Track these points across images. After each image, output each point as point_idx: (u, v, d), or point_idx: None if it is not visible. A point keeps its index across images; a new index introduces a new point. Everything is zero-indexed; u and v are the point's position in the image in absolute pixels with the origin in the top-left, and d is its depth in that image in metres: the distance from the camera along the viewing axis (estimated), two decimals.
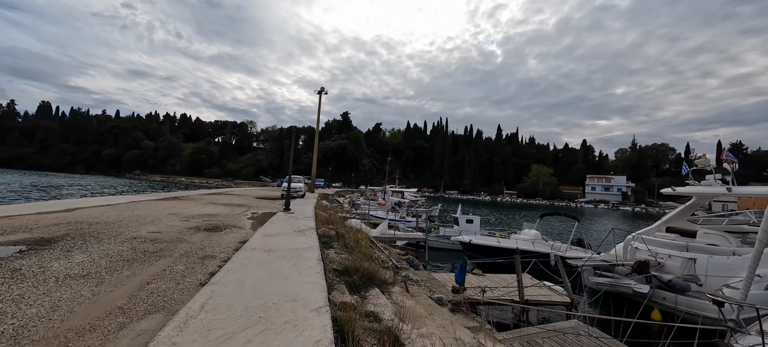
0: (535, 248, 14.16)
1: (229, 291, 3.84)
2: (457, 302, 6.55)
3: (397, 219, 23.11)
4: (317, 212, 12.65)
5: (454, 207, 38.34)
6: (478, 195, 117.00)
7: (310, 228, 8.82)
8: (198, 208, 11.72)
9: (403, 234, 16.09)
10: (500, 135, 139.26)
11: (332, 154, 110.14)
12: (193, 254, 5.60)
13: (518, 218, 44.82)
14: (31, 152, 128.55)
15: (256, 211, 12.15)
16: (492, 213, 55.38)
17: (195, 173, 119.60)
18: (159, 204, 11.96)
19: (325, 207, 17.67)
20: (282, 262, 5.35)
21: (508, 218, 40.23)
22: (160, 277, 4.27)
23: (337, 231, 8.75)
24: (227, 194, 19.96)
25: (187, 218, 9.30)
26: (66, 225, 7.18)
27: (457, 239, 15.96)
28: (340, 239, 8.06)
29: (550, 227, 30.11)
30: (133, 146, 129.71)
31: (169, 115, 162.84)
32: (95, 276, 4.12)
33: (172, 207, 11.30)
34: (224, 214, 10.72)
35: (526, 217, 46.79)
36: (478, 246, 15.02)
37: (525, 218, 45.05)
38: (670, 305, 8.87)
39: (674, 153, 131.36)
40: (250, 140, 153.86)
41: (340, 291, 4.89)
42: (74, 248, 5.33)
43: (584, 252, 14.87)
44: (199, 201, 13.75)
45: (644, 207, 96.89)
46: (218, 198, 16.44)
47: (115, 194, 32.02)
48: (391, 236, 14.36)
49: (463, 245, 15.57)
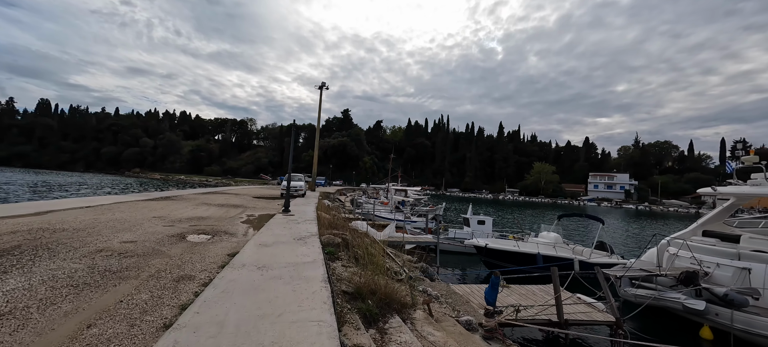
0: (557, 253, 13.03)
1: (201, 341, 2.71)
2: (490, 328, 5.42)
3: (402, 219, 21.93)
4: (319, 214, 11.57)
5: (456, 205, 37.17)
6: (480, 193, 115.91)
7: (312, 234, 7.69)
8: (188, 210, 10.64)
9: (413, 238, 14.79)
10: (502, 132, 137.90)
11: (333, 151, 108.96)
12: (166, 274, 4.47)
13: (528, 217, 43.54)
14: (30, 150, 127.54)
15: (252, 213, 11.05)
16: (496, 212, 53.94)
17: (194, 171, 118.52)
18: (146, 205, 10.87)
19: (327, 207, 16.55)
20: (278, 286, 4.21)
21: (516, 217, 39.02)
22: (111, 315, 3.13)
23: (343, 237, 7.60)
24: (224, 193, 18.83)
25: (172, 222, 8.17)
26: (25, 233, 6.06)
27: (471, 242, 14.65)
28: (347, 247, 6.92)
29: (566, 229, 29.03)
30: (133, 144, 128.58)
31: (169, 112, 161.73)
32: (19, 314, 2.99)
33: (160, 209, 10.23)
34: (216, 217, 9.60)
35: (535, 217, 45.50)
36: (496, 251, 13.68)
37: (535, 218, 43.80)
38: (724, 322, 7.75)
39: (677, 150, 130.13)
40: (250, 138, 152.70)
41: (353, 324, 3.76)
42: (15, 267, 4.20)
43: (607, 257, 13.78)
44: (192, 202, 12.65)
45: (648, 206, 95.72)
46: (213, 197, 15.33)
47: (105, 194, 30.96)
48: (400, 240, 13.24)
49: (477, 249, 14.27)
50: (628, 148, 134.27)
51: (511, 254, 13.41)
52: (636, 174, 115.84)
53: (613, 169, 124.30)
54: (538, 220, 38.73)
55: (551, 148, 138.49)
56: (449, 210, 40.39)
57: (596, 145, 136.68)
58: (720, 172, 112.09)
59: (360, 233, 9.05)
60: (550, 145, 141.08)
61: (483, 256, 14.17)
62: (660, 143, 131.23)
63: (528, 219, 40.33)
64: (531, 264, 12.58)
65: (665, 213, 78.03)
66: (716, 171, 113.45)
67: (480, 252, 14.25)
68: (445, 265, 14.37)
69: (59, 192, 35.67)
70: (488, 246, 13.82)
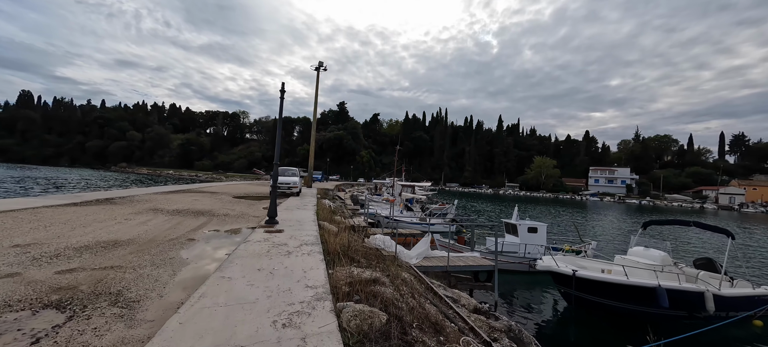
0: (683, 285, 9.02)
1: None
2: None
3: (416, 221, 18.69)
4: (322, 226, 8.29)
5: (458, 201, 33.70)
6: (480, 188, 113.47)
7: (316, 293, 3.76)
8: (111, 225, 6.73)
9: (462, 262, 10.27)
10: (501, 126, 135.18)
11: (329, 145, 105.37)
12: None
13: (532, 214, 40.20)
14: (12, 144, 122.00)
15: (217, 229, 7.22)
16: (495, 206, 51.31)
17: (185, 166, 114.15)
18: (52, 215, 7.26)
19: (330, 211, 13.21)
20: None
21: (571, 219, 35.69)
22: None
23: (377, 294, 3.86)
24: (197, 192, 15.46)
25: (38, 261, 4.43)
26: None
27: (549, 267, 10.13)
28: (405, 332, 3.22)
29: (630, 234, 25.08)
30: (119, 137, 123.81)
31: (158, 105, 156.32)
32: None
33: (59, 225, 6.45)
34: (142, 242, 5.64)
35: (539, 214, 42.17)
36: (592, 283, 9.31)
37: (539, 215, 40.60)
38: None
39: (677, 144, 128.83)
40: (242, 131, 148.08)
41: None
42: None
43: (750, 288, 10.14)
44: (137, 207, 9.26)
45: (651, 201, 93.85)
46: (176, 199, 11.97)
47: (36, 195, 27.41)
48: (442, 266, 9.30)
49: (557, 277, 10.05)
50: (628, 141, 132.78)
51: (617, 288, 9.09)
52: (636, 168, 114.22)
53: (613, 163, 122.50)
54: (540, 216, 35.71)
55: (551, 142, 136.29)
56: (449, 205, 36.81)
57: (596, 139, 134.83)
58: (720, 166, 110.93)
59: (411, 283, 5.57)
60: (550, 139, 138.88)
61: (566, 288, 9.92)
62: (660, 137, 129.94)
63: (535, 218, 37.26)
64: (648, 302, 8.82)
65: (669, 209, 76.07)
66: (716, 165, 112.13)
67: (561, 282, 9.96)
68: (506, 291, 11.14)
69: (11, 187, 31.82)
70: (578, 274, 9.33)
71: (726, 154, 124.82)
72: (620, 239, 25.04)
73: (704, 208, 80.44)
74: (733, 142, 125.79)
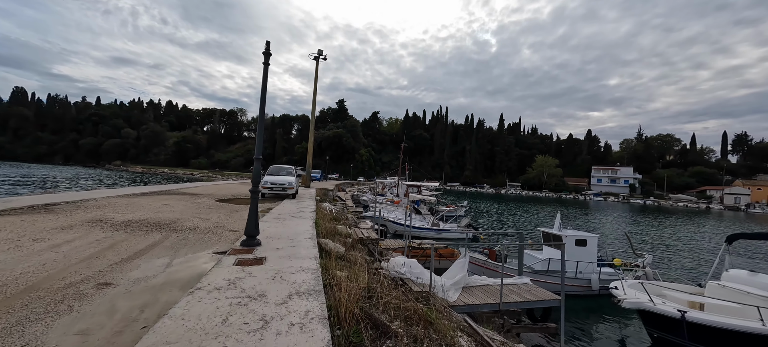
0: None
1: None
2: None
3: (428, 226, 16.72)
4: (324, 245, 6.15)
5: (461, 200, 31.07)
6: (481, 188, 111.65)
7: None
8: (26, 244, 4.96)
9: (517, 294, 7.79)
10: (502, 124, 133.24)
11: (327, 143, 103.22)
12: None
13: (534, 215, 38.10)
14: (5, 141, 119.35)
15: (165, 257, 4.71)
16: (496, 205, 49.25)
17: (180, 164, 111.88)
18: None
19: (331, 216, 11.11)
20: None
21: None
22: None
23: None
24: (178, 193, 13.50)
25: None
26: None
27: (640, 306, 7.58)
28: None
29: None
30: (114, 135, 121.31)
31: (153, 102, 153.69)
32: None
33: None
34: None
35: (544, 215, 39.66)
36: (716, 333, 6.72)
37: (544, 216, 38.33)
38: None
39: (679, 144, 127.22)
40: (240, 129, 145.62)
41: None
42: None
43: None
44: (83, 214, 7.28)
45: (655, 201, 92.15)
46: (145, 203, 10.00)
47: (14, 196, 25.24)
48: (492, 303, 6.96)
49: (652, 319, 7.60)
50: (630, 141, 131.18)
51: (757, 340, 6.55)
52: (639, 168, 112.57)
53: (615, 162, 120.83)
54: (544, 218, 33.44)
55: (553, 141, 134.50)
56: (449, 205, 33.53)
57: (599, 138, 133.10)
58: (723, 166, 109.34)
59: None
60: (551, 138, 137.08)
61: (667, 334, 7.37)
62: (662, 136, 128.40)
63: (535, 217, 35.26)
64: None
65: (674, 209, 74.31)
66: (719, 165, 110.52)
67: (659, 325, 7.46)
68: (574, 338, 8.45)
69: None
70: (696, 322, 6.78)
71: (728, 154, 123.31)
72: (636, 241, 22.82)
73: (710, 209, 78.80)
74: (735, 142, 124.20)
